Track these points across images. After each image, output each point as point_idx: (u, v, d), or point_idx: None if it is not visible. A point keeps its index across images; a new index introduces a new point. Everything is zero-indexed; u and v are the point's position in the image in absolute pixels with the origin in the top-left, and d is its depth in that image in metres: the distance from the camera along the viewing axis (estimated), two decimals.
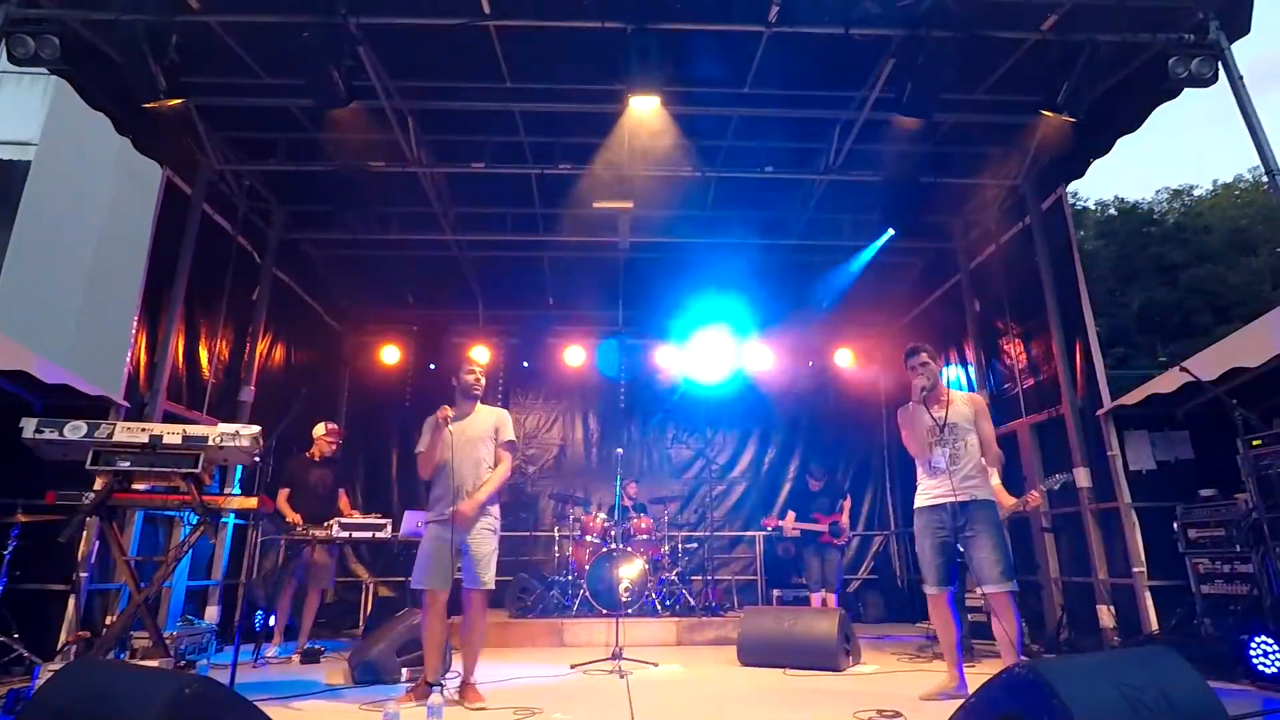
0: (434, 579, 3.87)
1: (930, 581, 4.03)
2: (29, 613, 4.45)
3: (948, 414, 4.07)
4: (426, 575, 3.89)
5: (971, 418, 4.13)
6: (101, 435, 3.75)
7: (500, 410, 4.29)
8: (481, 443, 4.07)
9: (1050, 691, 2.05)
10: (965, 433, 4.06)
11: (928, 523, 4.05)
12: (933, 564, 4.00)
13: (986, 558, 3.84)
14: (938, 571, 3.99)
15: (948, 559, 3.99)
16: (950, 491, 3.92)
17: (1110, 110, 5.37)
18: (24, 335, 4.80)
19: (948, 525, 3.96)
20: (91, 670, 2.51)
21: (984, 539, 3.87)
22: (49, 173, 9.08)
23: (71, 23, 4.65)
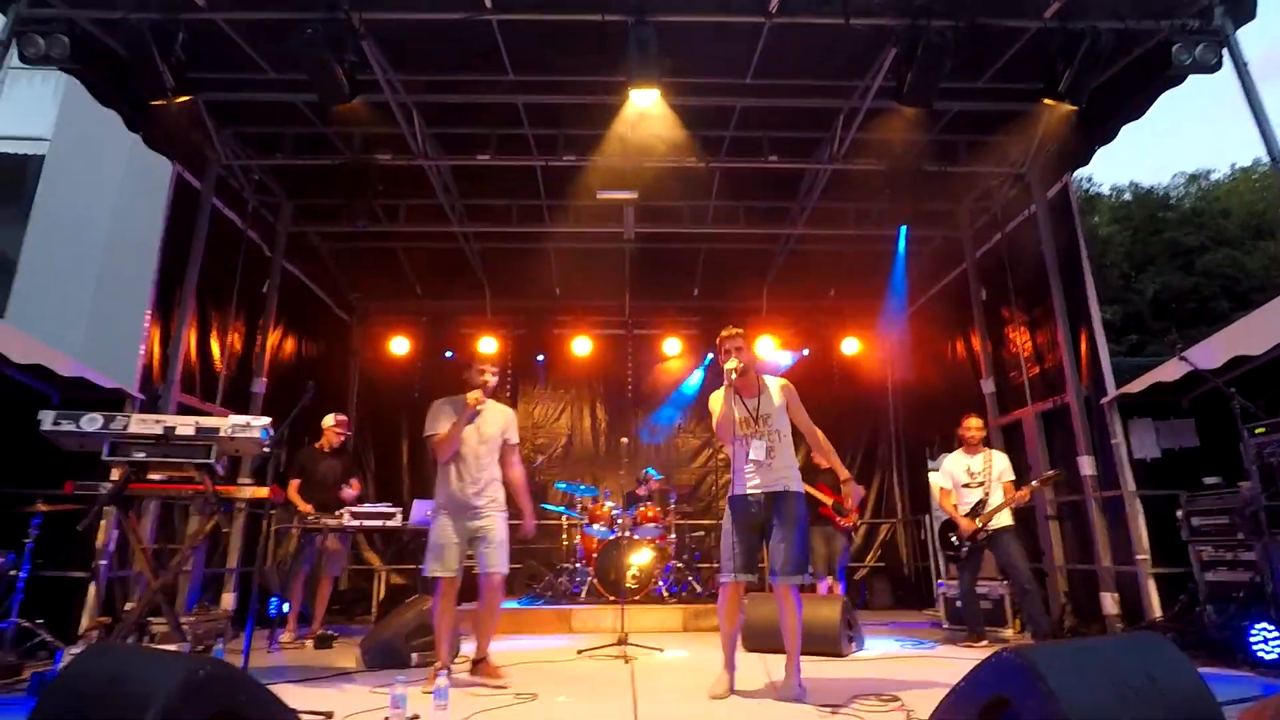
0: (449, 567, 4.01)
1: (731, 570, 3.78)
2: (51, 599, 4.59)
3: (760, 403, 3.90)
4: (441, 563, 4.00)
5: (787, 406, 3.95)
6: (117, 427, 3.84)
7: (509, 410, 4.44)
8: (494, 441, 4.25)
9: (1036, 675, 2.09)
10: (780, 423, 3.89)
11: (737, 510, 3.83)
12: (732, 552, 3.80)
13: (787, 550, 3.71)
14: (739, 560, 3.79)
15: (751, 547, 3.85)
16: (766, 483, 3.79)
17: (1114, 98, 5.34)
18: (40, 329, 4.93)
19: (758, 515, 3.81)
20: (110, 654, 2.60)
21: (788, 531, 3.74)
22: (62, 168, 9.20)
23: (80, 21, 4.72)
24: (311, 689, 3.94)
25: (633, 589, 6.81)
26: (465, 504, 4.10)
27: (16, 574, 4.20)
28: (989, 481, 5.66)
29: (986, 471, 5.69)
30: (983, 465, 5.73)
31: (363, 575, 8.82)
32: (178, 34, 4.67)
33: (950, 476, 5.84)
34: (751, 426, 3.86)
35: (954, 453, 5.97)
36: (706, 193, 7.62)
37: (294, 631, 5.84)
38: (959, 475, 5.79)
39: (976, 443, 5.83)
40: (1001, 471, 5.69)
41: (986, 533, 5.53)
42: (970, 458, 5.80)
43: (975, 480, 5.71)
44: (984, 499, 5.63)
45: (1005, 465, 5.73)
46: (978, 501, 5.64)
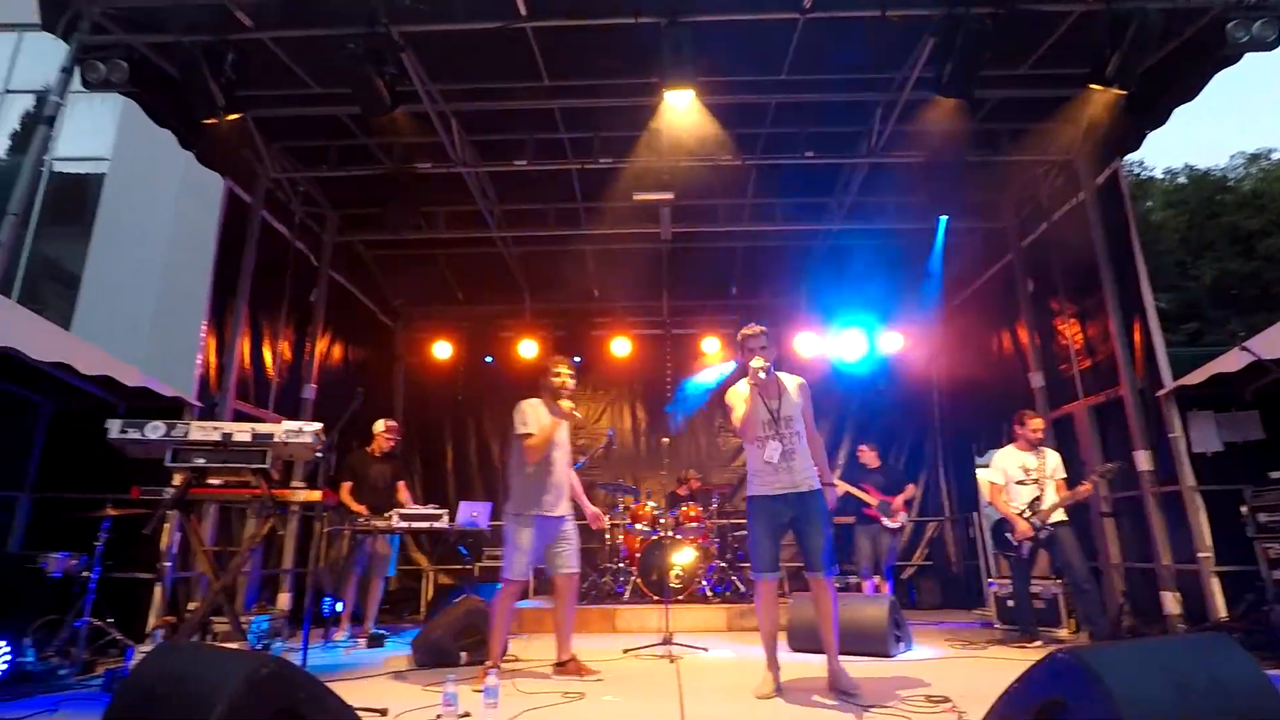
0: (530, 569, 4.19)
1: (761, 568, 3.84)
2: (120, 599, 4.80)
3: (781, 404, 3.87)
4: (523, 566, 4.15)
5: (802, 407, 3.93)
6: (178, 434, 4.02)
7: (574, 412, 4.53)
8: (568, 447, 4.41)
9: (1093, 677, 2.04)
10: (799, 424, 3.88)
11: (764, 510, 3.84)
12: (766, 551, 3.83)
13: (821, 545, 3.76)
14: (768, 557, 3.83)
15: (776, 546, 3.88)
16: (791, 484, 3.79)
17: (1164, 80, 5.14)
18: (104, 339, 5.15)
19: (783, 515, 3.82)
20: (178, 652, 2.72)
21: (819, 527, 3.77)
22: (121, 186, 9.61)
23: (137, 46, 4.93)
24: (365, 687, 4.05)
25: (676, 589, 6.82)
26: (551, 507, 4.24)
27: (88, 575, 4.40)
28: (1043, 479, 5.52)
29: (1041, 468, 5.56)
30: (1037, 462, 5.59)
31: (411, 575, 9.02)
32: (227, 54, 4.84)
33: (1003, 472, 5.70)
34: (771, 428, 3.83)
35: (1007, 448, 5.83)
36: (743, 191, 7.59)
37: (348, 631, 6.00)
38: (1013, 471, 5.65)
39: (1037, 440, 5.69)
40: (1055, 469, 5.55)
41: (1048, 530, 5.40)
42: (1024, 454, 5.67)
43: (1030, 477, 5.58)
44: (1039, 496, 5.50)
45: (1058, 463, 5.60)
46: (1033, 499, 5.51)
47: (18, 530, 5.30)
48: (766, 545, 3.83)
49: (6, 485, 5.33)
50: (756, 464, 3.88)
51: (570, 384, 4.39)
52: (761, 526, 3.84)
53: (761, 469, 3.85)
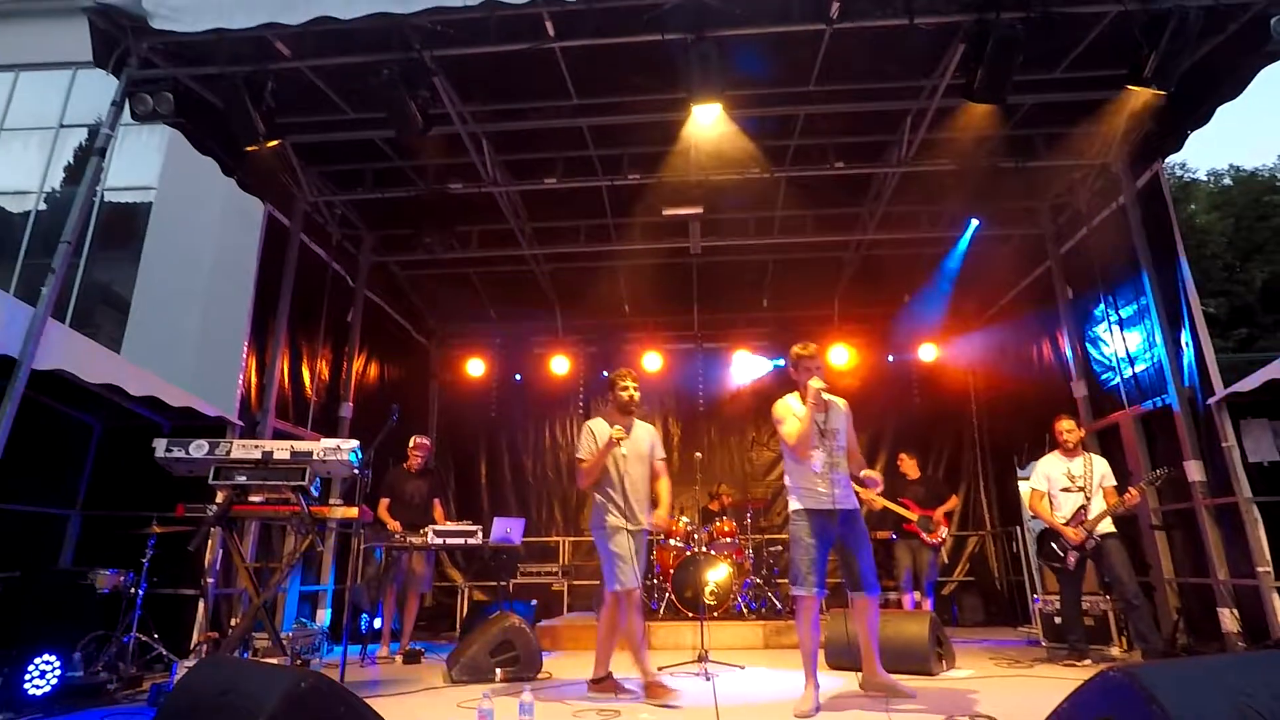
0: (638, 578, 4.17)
1: (810, 583, 3.81)
2: (166, 615, 4.93)
3: (829, 418, 4.01)
4: (634, 576, 4.13)
5: (847, 425, 4.12)
6: (221, 453, 4.12)
7: (651, 428, 4.56)
8: (645, 460, 4.38)
9: (1148, 697, 1.96)
10: (843, 438, 4.04)
11: (814, 524, 3.88)
12: (815, 566, 3.83)
13: (869, 564, 3.91)
14: (817, 572, 3.82)
15: (826, 560, 3.90)
16: (839, 499, 3.88)
17: (1206, 79, 5.02)
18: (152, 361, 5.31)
19: (831, 530, 3.88)
20: (220, 666, 2.78)
21: (864, 545, 3.94)
22: (167, 213, 9.95)
23: (182, 78, 5.11)
24: (402, 702, 4.08)
25: (711, 605, 6.75)
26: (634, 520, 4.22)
27: (135, 591, 4.51)
28: (1089, 486, 5.35)
29: (1087, 475, 5.38)
30: (1083, 469, 5.42)
31: (446, 592, 9.08)
32: (267, 83, 5.00)
33: (1046, 479, 5.54)
34: (819, 440, 3.94)
35: (1049, 455, 5.68)
36: (773, 203, 7.57)
37: (388, 646, 6.05)
38: (1057, 478, 5.49)
39: (1074, 445, 5.52)
40: (1103, 476, 5.37)
41: (1095, 540, 5.23)
42: (1069, 460, 5.50)
43: (1075, 484, 5.40)
44: (1084, 505, 5.33)
45: (1106, 470, 5.42)
46: (1079, 507, 5.34)
47: (69, 547, 5.47)
48: (816, 559, 3.84)
49: (59, 503, 5.51)
50: (801, 477, 3.95)
51: (636, 396, 4.39)
52: (811, 539, 3.86)
53: (808, 482, 3.92)
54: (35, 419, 4.71)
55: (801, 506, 3.92)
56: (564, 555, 9.40)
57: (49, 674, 3.83)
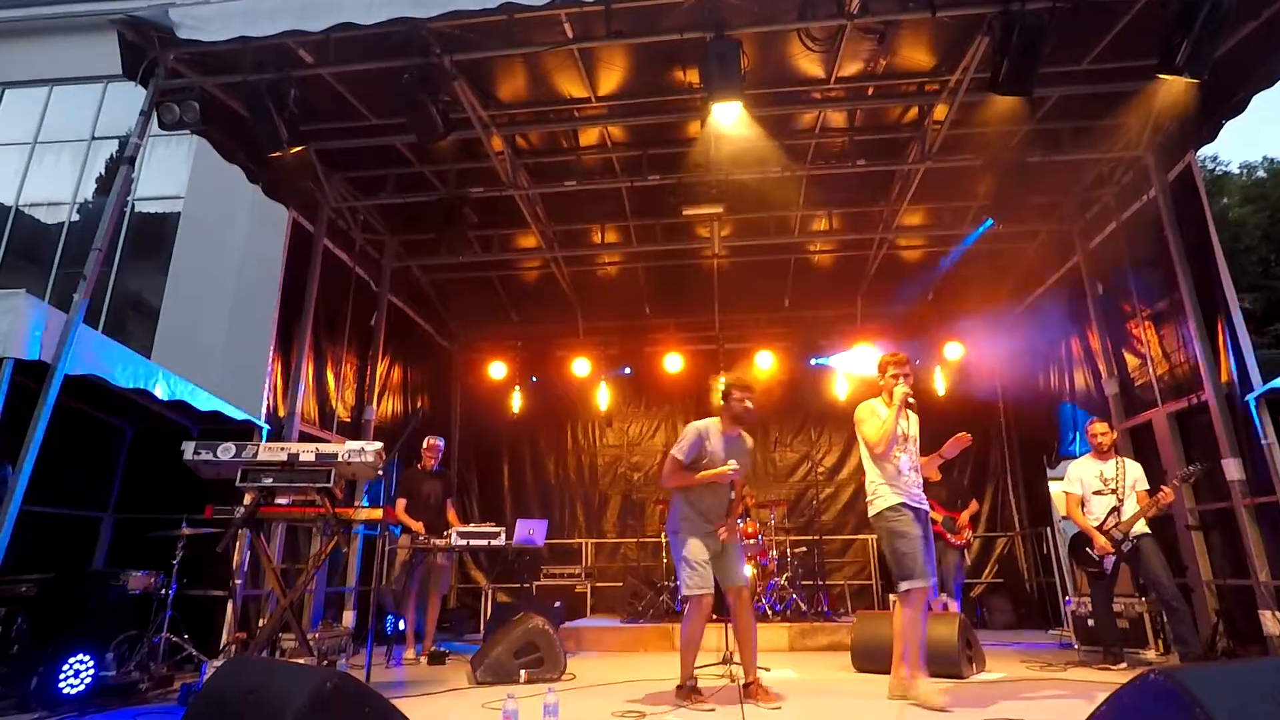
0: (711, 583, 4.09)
1: (924, 574, 3.85)
2: (196, 616, 4.99)
3: (909, 425, 4.20)
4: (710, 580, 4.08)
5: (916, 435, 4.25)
6: (248, 455, 4.17)
7: (750, 439, 4.35)
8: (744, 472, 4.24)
9: (1191, 700, 1.90)
10: (916, 445, 4.21)
11: (915, 518, 3.98)
12: (926, 555, 3.91)
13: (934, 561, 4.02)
14: (929, 564, 3.90)
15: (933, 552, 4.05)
16: (921, 500, 4.06)
17: (1241, 66, 4.88)
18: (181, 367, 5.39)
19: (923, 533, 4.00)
20: (248, 667, 2.80)
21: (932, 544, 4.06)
22: (195, 222, 10.15)
23: (208, 87, 5.20)
24: (426, 703, 4.09)
25: None
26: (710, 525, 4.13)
27: (166, 592, 4.58)
28: (1122, 488, 5.24)
29: (1120, 478, 5.27)
30: (1115, 471, 5.31)
31: (470, 593, 9.12)
32: (290, 90, 5.06)
33: (1080, 482, 5.43)
34: (902, 444, 4.10)
35: (1082, 458, 5.56)
36: (794, 202, 7.51)
37: (414, 648, 6.08)
38: (1090, 481, 5.38)
39: (1107, 447, 5.42)
40: (1136, 480, 5.27)
41: (1131, 541, 5.11)
42: (1102, 463, 5.39)
43: (1108, 487, 5.30)
44: (1117, 507, 5.21)
45: (1140, 474, 5.31)
46: (1111, 509, 5.23)
47: (102, 549, 5.57)
48: (925, 549, 3.92)
49: (93, 506, 5.62)
50: (891, 475, 4.05)
51: (752, 407, 4.17)
52: (917, 530, 3.94)
53: (900, 479, 4.04)
54: (70, 424, 4.81)
55: (901, 500, 3.98)
56: (587, 557, 9.40)
57: (83, 673, 3.90)
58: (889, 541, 3.98)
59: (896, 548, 3.92)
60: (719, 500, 4.18)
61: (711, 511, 4.15)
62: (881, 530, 4.04)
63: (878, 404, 4.22)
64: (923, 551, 3.89)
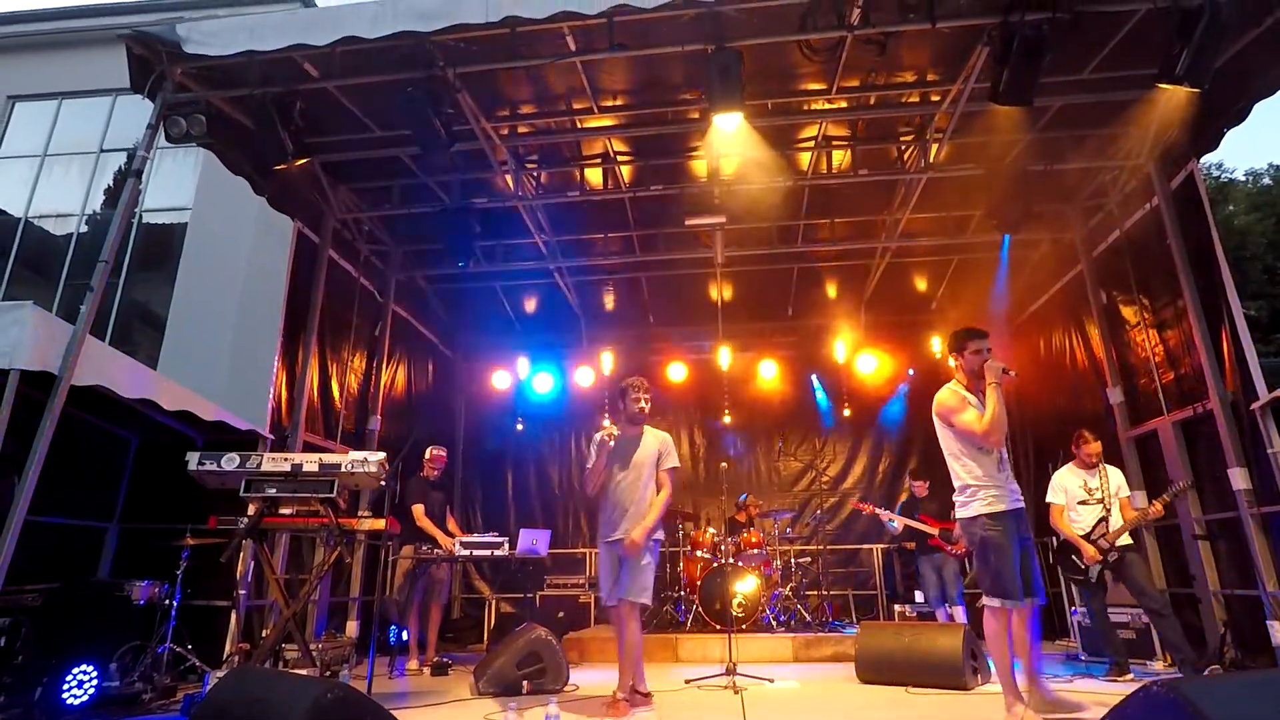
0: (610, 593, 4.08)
1: (1016, 594, 3.48)
2: (199, 626, 5.00)
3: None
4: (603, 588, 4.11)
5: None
6: (251, 465, 4.18)
7: (664, 435, 4.35)
8: (647, 467, 4.19)
9: (1194, 712, 1.89)
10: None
11: (1012, 528, 3.55)
12: (1019, 573, 3.50)
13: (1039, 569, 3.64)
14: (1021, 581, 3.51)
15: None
16: (1019, 498, 3.64)
17: (1242, 75, 4.89)
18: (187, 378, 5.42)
19: (1021, 532, 3.61)
20: (250, 677, 2.81)
21: (1034, 549, 3.68)
22: (201, 233, 10.21)
23: (215, 101, 5.25)
24: (428, 714, 4.08)
25: (739, 617, 6.67)
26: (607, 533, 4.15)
27: (170, 602, 4.59)
28: (1108, 498, 5.25)
29: (1105, 488, 5.28)
30: (1100, 482, 5.32)
31: (474, 604, 9.10)
32: (296, 103, 5.11)
33: (1064, 492, 5.43)
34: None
35: (1065, 468, 5.56)
36: (796, 211, 7.53)
37: (417, 658, 6.07)
38: (1075, 491, 5.39)
39: (1095, 461, 5.41)
40: (1119, 487, 5.30)
41: (1116, 552, 5.12)
42: (1086, 473, 5.40)
43: (1094, 497, 5.32)
44: (1104, 517, 5.22)
45: (1121, 481, 5.35)
46: (1098, 519, 5.24)
47: (106, 559, 5.59)
48: (1017, 566, 3.51)
49: (98, 516, 5.64)
50: (989, 476, 3.62)
51: (647, 407, 4.25)
52: (1011, 544, 3.52)
53: (996, 481, 3.61)
54: (75, 434, 4.84)
55: (1001, 509, 3.56)
56: (590, 567, 9.37)
57: (86, 684, 3.91)
58: (980, 552, 3.62)
59: (990, 562, 3.55)
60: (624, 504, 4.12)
61: (612, 516, 4.14)
62: (973, 537, 3.64)
63: (958, 387, 3.80)
64: (1015, 565, 3.50)
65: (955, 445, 3.74)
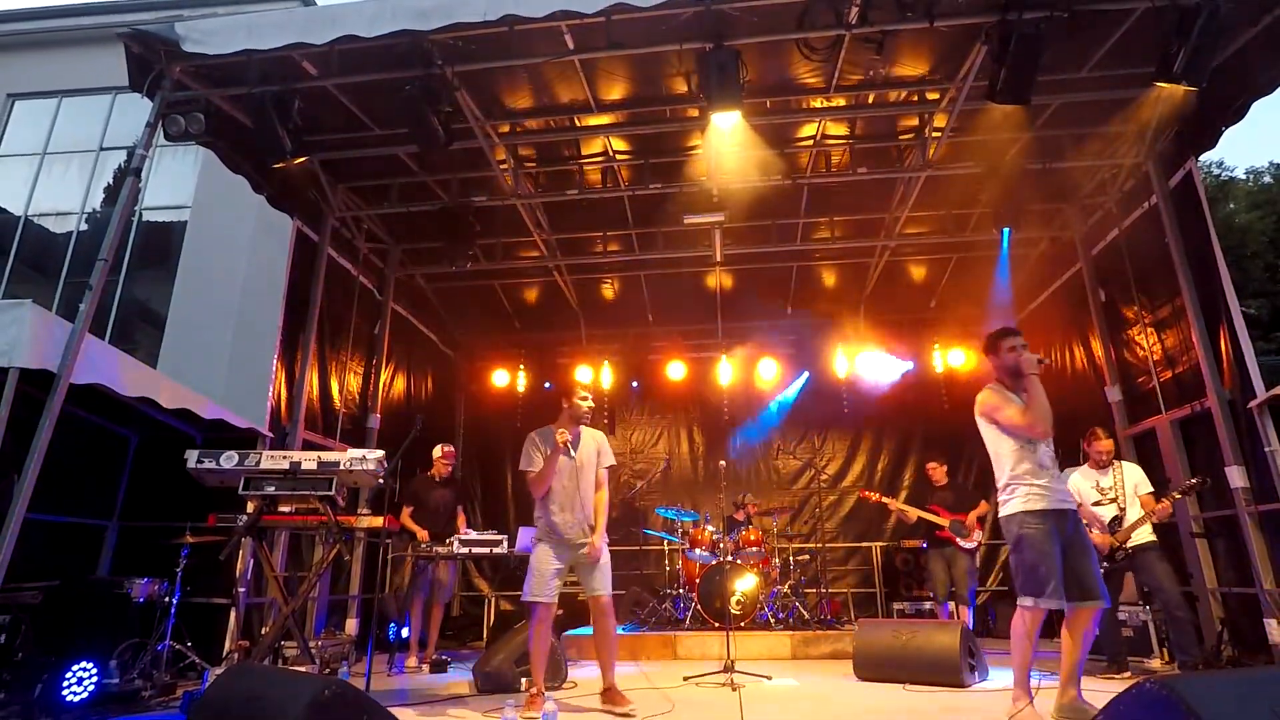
0: (552, 593, 4.09)
1: (1055, 594, 3.36)
2: (199, 623, 5.01)
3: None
4: (546, 589, 4.08)
5: None
6: (250, 463, 4.19)
7: (599, 433, 4.45)
8: (592, 468, 4.29)
9: (1186, 710, 1.90)
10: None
11: (1050, 527, 3.43)
12: (1060, 573, 3.38)
13: (1099, 570, 3.52)
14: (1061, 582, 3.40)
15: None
16: (1065, 497, 3.54)
17: (1241, 73, 4.90)
18: (186, 376, 5.44)
19: (1061, 534, 3.49)
20: (249, 674, 2.82)
21: (1091, 548, 3.56)
22: (201, 232, 10.22)
23: (214, 99, 5.26)
24: (427, 712, 4.09)
25: (737, 615, 6.68)
26: (564, 534, 4.14)
27: (169, 600, 4.60)
28: (1122, 496, 5.22)
29: (1119, 486, 5.25)
30: (1113, 480, 5.29)
31: (474, 601, 9.12)
32: (294, 102, 5.11)
33: (1077, 493, 5.40)
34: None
35: (1076, 471, 5.53)
36: (795, 209, 7.54)
37: (416, 655, 6.08)
38: (1087, 493, 5.36)
39: (1107, 460, 5.39)
40: (1136, 484, 5.23)
41: (1126, 551, 5.10)
42: (1099, 473, 5.37)
43: (1107, 497, 5.28)
44: (1119, 515, 5.19)
45: (1140, 477, 5.28)
46: (1113, 518, 5.21)
47: (106, 556, 5.61)
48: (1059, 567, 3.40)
49: (98, 514, 5.66)
50: (1032, 474, 3.52)
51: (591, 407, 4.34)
52: (1051, 545, 3.41)
53: (1041, 478, 3.51)
54: (75, 432, 4.85)
55: (1042, 507, 3.46)
56: None
57: (86, 681, 3.92)
58: (1019, 547, 3.48)
59: (1026, 560, 3.44)
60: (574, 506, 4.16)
61: (564, 518, 4.14)
62: (1013, 534, 3.53)
63: (998, 387, 3.76)
64: (1055, 564, 3.39)
65: (1002, 444, 3.67)
